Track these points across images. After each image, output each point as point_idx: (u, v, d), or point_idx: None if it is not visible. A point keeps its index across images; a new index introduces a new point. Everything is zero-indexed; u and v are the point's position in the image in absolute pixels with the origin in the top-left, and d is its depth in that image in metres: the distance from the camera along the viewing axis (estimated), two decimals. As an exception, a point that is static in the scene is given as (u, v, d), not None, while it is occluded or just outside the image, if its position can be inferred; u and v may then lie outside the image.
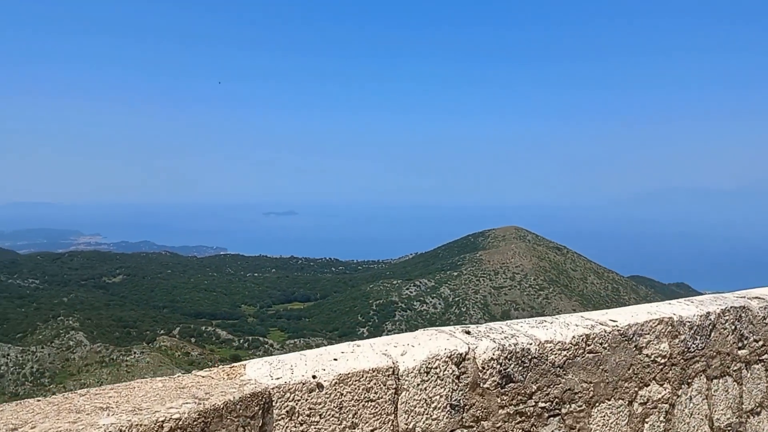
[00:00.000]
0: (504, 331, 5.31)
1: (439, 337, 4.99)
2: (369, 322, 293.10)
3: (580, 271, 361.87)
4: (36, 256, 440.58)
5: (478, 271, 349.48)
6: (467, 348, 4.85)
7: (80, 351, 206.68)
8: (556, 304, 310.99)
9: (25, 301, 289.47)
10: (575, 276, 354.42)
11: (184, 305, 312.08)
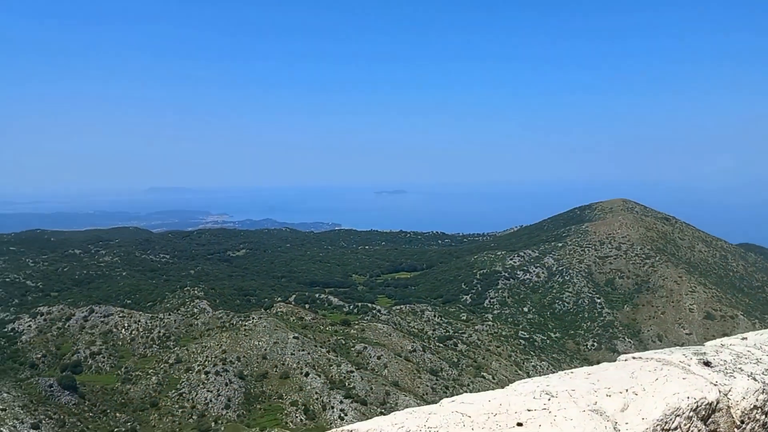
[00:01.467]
0: (762, 361, 3.13)
1: (670, 374, 3.03)
2: (472, 290, 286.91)
3: (688, 240, 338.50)
4: (168, 234, 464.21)
5: (583, 242, 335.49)
6: (716, 393, 3.03)
7: (203, 317, 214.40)
8: (662, 272, 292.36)
9: (155, 274, 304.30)
10: (683, 245, 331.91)
11: (301, 275, 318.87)
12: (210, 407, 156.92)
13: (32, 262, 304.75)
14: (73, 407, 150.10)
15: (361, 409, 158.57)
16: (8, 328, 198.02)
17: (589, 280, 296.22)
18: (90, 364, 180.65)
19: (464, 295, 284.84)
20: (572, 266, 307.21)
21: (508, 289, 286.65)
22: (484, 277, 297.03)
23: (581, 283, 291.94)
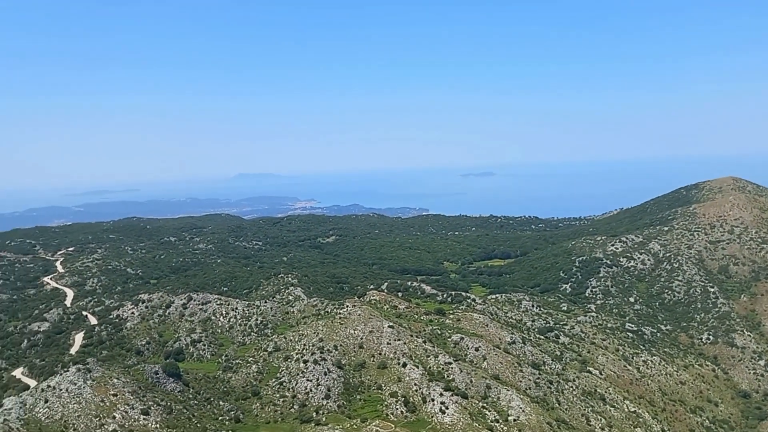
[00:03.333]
0: None
1: None
2: (572, 278, 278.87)
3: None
4: (259, 220, 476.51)
5: (691, 225, 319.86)
6: None
7: (298, 305, 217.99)
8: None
9: (249, 261, 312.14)
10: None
11: (392, 262, 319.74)
12: (310, 397, 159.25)
13: (131, 249, 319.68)
14: (179, 394, 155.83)
15: (462, 403, 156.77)
16: (113, 315, 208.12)
17: (700, 267, 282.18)
18: (191, 352, 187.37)
19: (563, 284, 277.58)
20: (681, 252, 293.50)
21: (611, 278, 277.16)
22: (584, 264, 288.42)
23: (692, 270, 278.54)
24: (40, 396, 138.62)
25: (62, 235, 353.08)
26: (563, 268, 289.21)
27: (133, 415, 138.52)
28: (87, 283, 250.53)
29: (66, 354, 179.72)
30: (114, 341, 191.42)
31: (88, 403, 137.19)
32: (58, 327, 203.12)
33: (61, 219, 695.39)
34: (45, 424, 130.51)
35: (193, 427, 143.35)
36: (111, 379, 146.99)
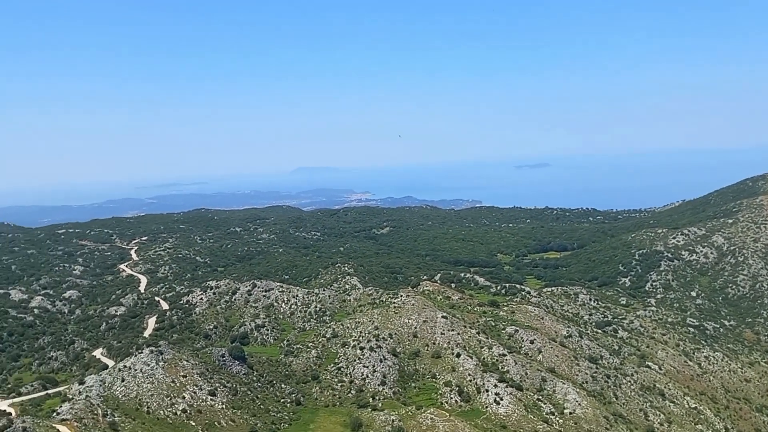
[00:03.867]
0: None
1: None
2: (631, 272, 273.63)
3: None
4: (317, 212, 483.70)
5: (757, 218, 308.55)
6: None
7: (354, 293, 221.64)
8: None
9: (309, 251, 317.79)
10: None
11: (444, 253, 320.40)
12: (367, 383, 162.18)
13: (200, 239, 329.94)
14: (243, 377, 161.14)
15: (517, 394, 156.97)
16: (183, 301, 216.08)
17: (767, 261, 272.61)
18: (255, 336, 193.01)
19: (622, 278, 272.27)
20: (746, 246, 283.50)
21: (672, 272, 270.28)
22: (644, 257, 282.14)
23: (758, 264, 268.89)
24: (117, 375, 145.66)
25: (136, 225, 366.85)
26: (622, 261, 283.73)
27: (201, 396, 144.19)
28: (159, 271, 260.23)
29: (140, 336, 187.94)
30: (184, 325, 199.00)
31: (160, 383, 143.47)
32: (133, 311, 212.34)
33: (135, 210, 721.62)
34: (122, 402, 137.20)
35: (256, 408, 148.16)
36: (181, 361, 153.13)
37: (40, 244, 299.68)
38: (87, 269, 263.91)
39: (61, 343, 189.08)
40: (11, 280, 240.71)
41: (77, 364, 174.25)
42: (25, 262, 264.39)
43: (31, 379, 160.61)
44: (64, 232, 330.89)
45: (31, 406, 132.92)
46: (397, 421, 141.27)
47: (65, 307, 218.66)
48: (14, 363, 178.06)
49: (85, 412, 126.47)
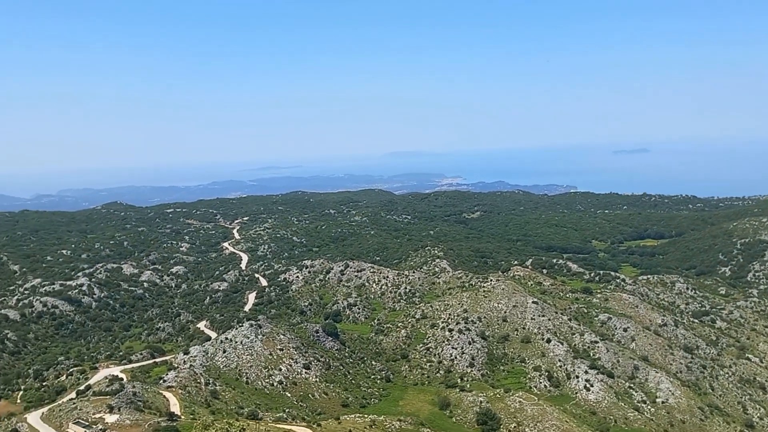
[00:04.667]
0: None
1: None
2: (732, 261, 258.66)
3: None
4: (408, 196, 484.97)
5: None
6: None
7: (444, 276, 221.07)
8: None
9: (399, 233, 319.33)
10: None
11: (536, 239, 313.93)
12: (455, 364, 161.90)
13: (296, 220, 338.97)
14: (336, 352, 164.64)
15: (608, 382, 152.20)
16: (281, 278, 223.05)
17: None
18: (348, 314, 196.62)
19: (722, 267, 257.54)
20: None
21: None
22: (746, 247, 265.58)
23: None
24: (219, 347, 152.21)
25: (238, 206, 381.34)
26: (722, 250, 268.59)
27: (296, 368, 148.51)
28: (259, 249, 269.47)
29: (241, 311, 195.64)
30: (281, 301, 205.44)
31: (258, 355, 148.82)
32: (234, 287, 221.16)
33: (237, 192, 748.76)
34: (223, 372, 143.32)
35: (348, 383, 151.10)
36: (278, 335, 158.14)
37: (150, 222, 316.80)
38: (193, 246, 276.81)
39: (168, 315, 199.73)
40: (124, 255, 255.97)
41: (182, 335, 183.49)
42: (137, 239, 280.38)
43: (140, 347, 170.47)
44: (172, 211, 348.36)
45: (140, 373, 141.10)
46: (485, 402, 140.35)
47: (172, 281, 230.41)
48: (126, 332, 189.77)
49: (189, 380, 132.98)
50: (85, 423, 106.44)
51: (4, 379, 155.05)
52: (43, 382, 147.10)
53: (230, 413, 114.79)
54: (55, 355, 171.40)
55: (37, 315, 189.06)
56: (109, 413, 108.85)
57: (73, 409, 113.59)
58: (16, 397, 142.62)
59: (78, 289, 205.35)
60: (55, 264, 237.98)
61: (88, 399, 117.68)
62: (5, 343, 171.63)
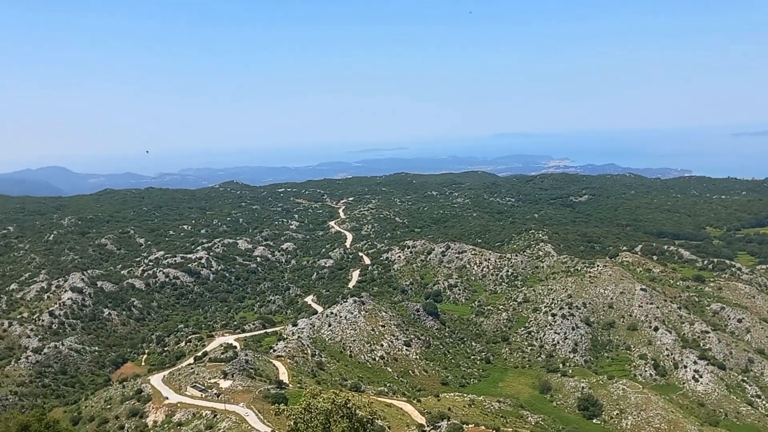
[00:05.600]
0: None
1: None
2: None
3: None
4: (512, 178, 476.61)
5: None
6: None
7: (548, 260, 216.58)
8: None
9: (502, 216, 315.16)
10: None
11: (647, 224, 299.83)
12: (557, 349, 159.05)
13: (399, 201, 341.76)
14: (436, 332, 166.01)
15: (719, 373, 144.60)
16: (383, 257, 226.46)
17: None
18: (448, 295, 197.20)
19: None
20: None
21: None
22: None
23: None
24: (324, 320, 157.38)
25: (344, 186, 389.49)
26: None
27: (397, 345, 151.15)
28: (363, 229, 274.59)
29: (345, 287, 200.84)
30: (383, 280, 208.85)
31: (361, 330, 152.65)
32: (339, 264, 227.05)
33: (344, 173, 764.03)
34: (328, 344, 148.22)
35: (448, 362, 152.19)
36: (380, 312, 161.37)
37: (263, 200, 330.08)
38: (301, 224, 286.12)
39: (279, 289, 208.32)
40: (239, 231, 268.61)
41: (291, 308, 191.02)
42: (251, 216, 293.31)
43: (253, 318, 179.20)
44: (283, 190, 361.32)
45: (252, 342, 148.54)
46: (587, 388, 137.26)
47: (283, 257, 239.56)
48: (239, 303, 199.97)
49: (297, 351, 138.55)
50: (201, 387, 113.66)
51: (131, 343, 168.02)
52: (164, 347, 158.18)
53: (334, 384, 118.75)
54: (175, 322, 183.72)
55: (160, 285, 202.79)
56: (223, 379, 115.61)
57: (191, 373, 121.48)
58: (140, 360, 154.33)
59: (197, 262, 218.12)
60: (176, 238, 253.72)
61: (205, 365, 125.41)
62: (131, 310, 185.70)
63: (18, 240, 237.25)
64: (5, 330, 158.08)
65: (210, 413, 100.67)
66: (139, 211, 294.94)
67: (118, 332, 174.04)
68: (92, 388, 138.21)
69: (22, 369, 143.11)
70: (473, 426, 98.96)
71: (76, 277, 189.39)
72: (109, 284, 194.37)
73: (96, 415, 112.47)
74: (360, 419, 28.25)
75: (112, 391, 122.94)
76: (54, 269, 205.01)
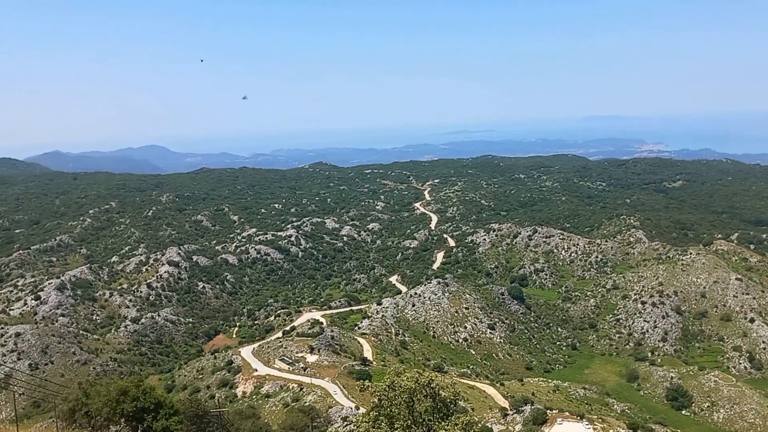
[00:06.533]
0: None
1: None
2: None
3: None
4: (604, 162, 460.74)
5: None
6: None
7: (639, 247, 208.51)
8: None
9: (592, 201, 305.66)
10: None
11: (744, 212, 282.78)
12: (646, 337, 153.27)
13: (485, 183, 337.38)
14: (521, 316, 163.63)
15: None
16: (468, 240, 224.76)
17: None
18: (534, 279, 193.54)
19: None
20: None
21: None
22: None
23: None
24: (408, 300, 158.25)
25: (430, 168, 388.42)
26: None
27: (480, 328, 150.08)
28: (448, 211, 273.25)
29: (429, 268, 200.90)
30: (468, 262, 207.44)
31: (444, 312, 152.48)
32: (424, 245, 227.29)
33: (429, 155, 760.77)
34: (411, 324, 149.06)
35: (532, 347, 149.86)
36: (464, 294, 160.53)
37: (351, 181, 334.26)
38: (387, 205, 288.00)
39: (364, 268, 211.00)
40: (327, 211, 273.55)
41: (376, 287, 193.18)
42: (338, 196, 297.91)
43: (339, 295, 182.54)
44: (370, 172, 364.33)
45: (337, 318, 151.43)
46: (677, 378, 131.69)
47: (368, 237, 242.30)
48: (326, 281, 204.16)
49: (381, 329, 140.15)
50: (289, 360, 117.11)
51: (223, 316, 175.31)
52: (254, 321, 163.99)
53: (417, 363, 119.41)
54: (265, 297, 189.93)
55: (251, 261, 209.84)
56: (309, 353, 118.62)
57: (279, 347, 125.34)
58: (232, 332, 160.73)
59: (287, 239, 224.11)
60: (267, 216, 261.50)
61: (293, 339, 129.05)
62: (224, 284, 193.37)
63: (119, 215, 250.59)
64: (106, 300, 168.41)
65: (296, 386, 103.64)
66: (233, 190, 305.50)
67: (211, 305, 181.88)
68: (185, 357, 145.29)
69: (121, 337, 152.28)
70: (557, 411, 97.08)
71: (173, 251, 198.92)
72: (204, 259, 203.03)
73: (188, 384, 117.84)
74: (443, 399, 28.09)
75: (204, 361, 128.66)
76: (152, 243, 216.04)
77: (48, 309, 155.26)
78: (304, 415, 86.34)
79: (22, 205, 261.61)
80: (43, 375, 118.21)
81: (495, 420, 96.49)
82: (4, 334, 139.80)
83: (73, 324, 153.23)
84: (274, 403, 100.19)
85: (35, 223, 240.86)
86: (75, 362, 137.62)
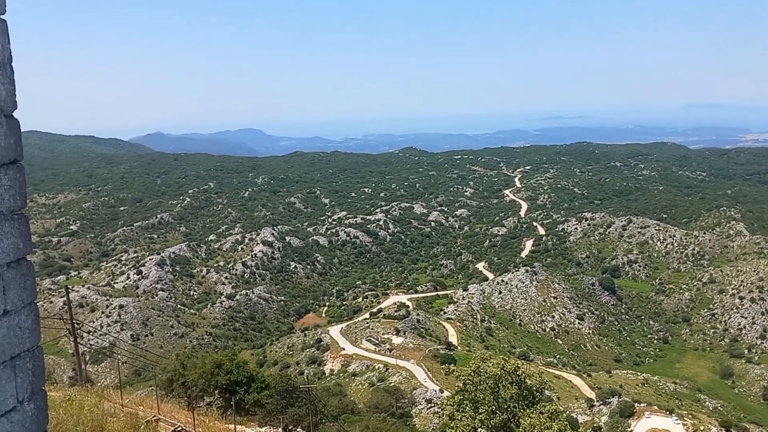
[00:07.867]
0: None
1: None
2: None
3: None
4: (705, 151, 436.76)
5: None
6: None
7: (739, 240, 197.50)
8: None
9: (692, 191, 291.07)
10: None
11: None
12: (743, 334, 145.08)
13: (579, 171, 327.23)
14: (612, 307, 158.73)
15: None
16: (559, 228, 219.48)
17: None
18: (627, 271, 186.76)
19: None
20: None
21: None
22: None
23: None
24: (495, 288, 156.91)
25: (521, 155, 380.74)
26: None
27: (569, 318, 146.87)
28: (538, 198, 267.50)
29: (517, 256, 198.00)
30: (557, 251, 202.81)
31: (532, 301, 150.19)
32: (512, 233, 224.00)
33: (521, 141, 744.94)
34: (497, 311, 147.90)
35: (622, 339, 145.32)
36: (553, 284, 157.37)
37: (440, 167, 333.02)
38: (476, 192, 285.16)
39: (451, 254, 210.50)
40: (415, 196, 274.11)
41: (462, 273, 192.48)
42: (427, 182, 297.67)
43: (425, 280, 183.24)
44: (460, 158, 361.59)
45: (423, 302, 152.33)
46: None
47: (456, 223, 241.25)
48: (413, 265, 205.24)
49: (467, 315, 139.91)
50: (375, 341, 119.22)
51: (313, 296, 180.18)
52: (343, 302, 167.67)
53: (503, 351, 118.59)
54: (354, 279, 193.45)
55: (341, 243, 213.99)
56: (395, 335, 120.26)
57: (366, 327, 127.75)
58: (321, 312, 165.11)
59: (376, 223, 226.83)
60: (357, 200, 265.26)
61: (379, 320, 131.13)
62: (315, 264, 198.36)
63: (217, 195, 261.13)
64: (203, 276, 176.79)
65: (382, 366, 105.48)
66: (325, 173, 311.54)
67: (302, 284, 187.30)
68: (277, 334, 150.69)
69: (217, 312, 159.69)
70: (645, 405, 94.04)
71: (267, 231, 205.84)
72: (296, 240, 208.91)
73: (279, 359, 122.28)
74: (529, 387, 28.02)
75: (295, 338, 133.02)
76: (248, 223, 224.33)
77: (149, 283, 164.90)
78: (389, 395, 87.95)
79: (126, 183, 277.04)
80: (144, 345, 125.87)
81: (581, 410, 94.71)
82: (109, 306, 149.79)
83: (171, 298, 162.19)
84: (360, 381, 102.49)
85: (138, 201, 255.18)
86: (173, 335, 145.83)
